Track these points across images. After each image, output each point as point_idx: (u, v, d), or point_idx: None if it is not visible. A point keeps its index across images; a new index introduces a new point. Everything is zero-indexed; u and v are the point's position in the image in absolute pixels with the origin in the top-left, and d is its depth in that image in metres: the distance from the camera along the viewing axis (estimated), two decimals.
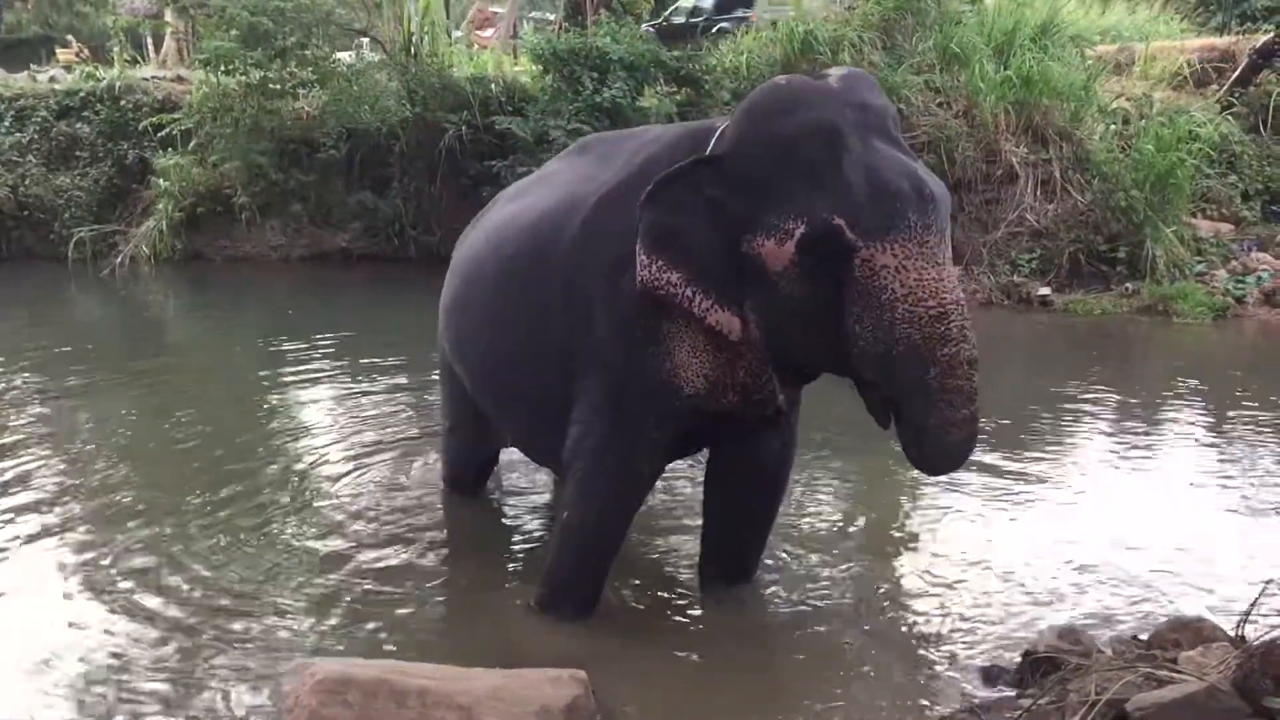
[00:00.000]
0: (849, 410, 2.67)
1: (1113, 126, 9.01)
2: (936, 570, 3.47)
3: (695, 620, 3.14)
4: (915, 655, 2.92)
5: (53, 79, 12.60)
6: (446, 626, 3.11)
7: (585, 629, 2.98)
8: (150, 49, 15.35)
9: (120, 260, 10.25)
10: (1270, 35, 10.02)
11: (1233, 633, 2.46)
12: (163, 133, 10.62)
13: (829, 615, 3.15)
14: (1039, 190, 8.67)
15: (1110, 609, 3.17)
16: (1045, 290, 8.22)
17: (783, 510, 3.36)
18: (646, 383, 2.73)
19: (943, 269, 2.42)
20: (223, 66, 10.15)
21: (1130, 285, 8.08)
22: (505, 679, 2.43)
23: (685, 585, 3.35)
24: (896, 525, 3.89)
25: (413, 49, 10.94)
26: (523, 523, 3.94)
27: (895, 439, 2.59)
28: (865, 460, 4.42)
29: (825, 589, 3.32)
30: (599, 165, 3.02)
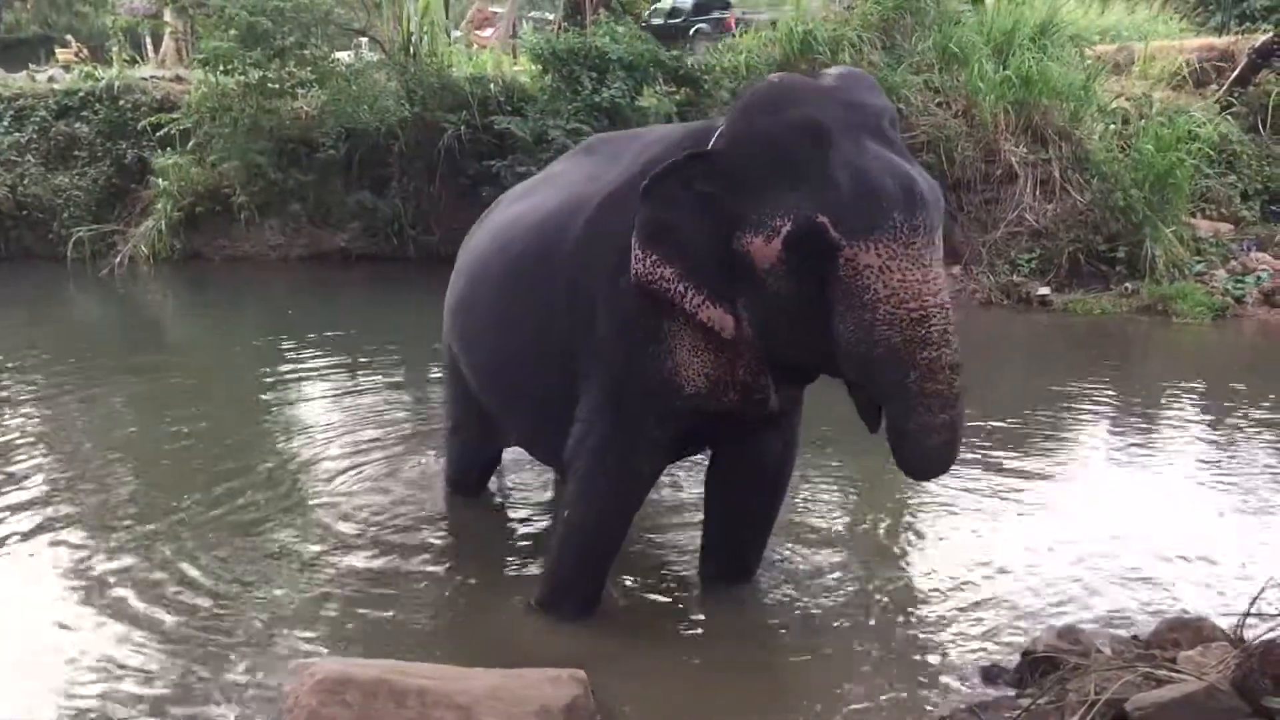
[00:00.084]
0: (850, 410, 2.66)
1: (1112, 126, 9.02)
2: (936, 570, 3.47)
3: (695, 620, 3.14)
4: (915, 655, 2.92)
5: (52, 79, 12.60)
6: (446, 626, 3.10)
7: (585, 629, 2.98)
8: (149, 49, 15.34)
9: (119, 260, 10.25)
10: (1269, 35, 10.04)
11: (1232, 632, 2.46)
12: (161, 132, 10.62)
13: (829, 615, 3.15)
14: (1038, 190, 8.68)
15: (1109, 608, 3.17)
16: (1045, 290, 8.23)
17: (783, 510, 3.36)
18: (647, 382, 2.73)
19: (928, 271, 2.38)
20: (221, 66, 10.15)
21: (1129, 285, 8.09)
22: (505, 679, 2.43)
23: (685, 585, 3.35)
24: (896, 525, 3.89)
25: (412, 49, 10.94)
26: (523, 522, 3.93)
27: None
28: (866, 460, 4.41)
29: (825, 589, 3.32)
30: (603, 165, 3.02)
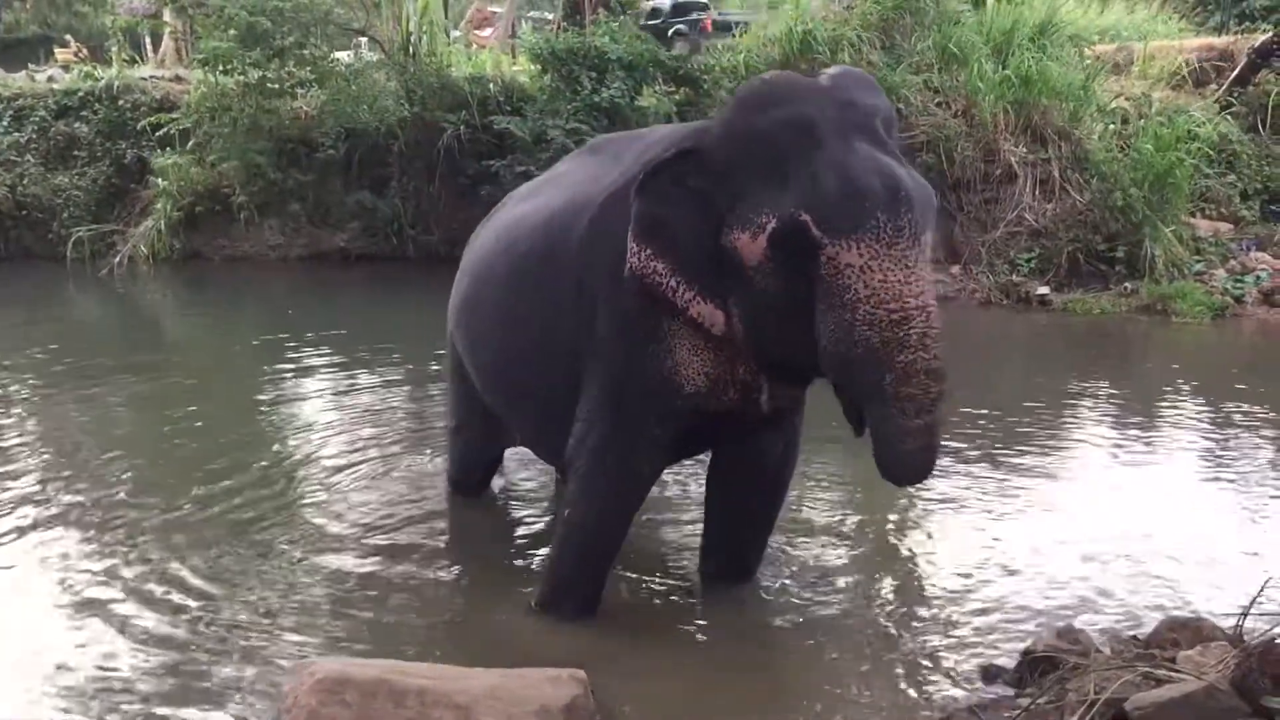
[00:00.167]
0: None
1: (1111, 126, 9.02)
2: (936, 569, 3.47)
3: (695, 620, 3.14)
4: (915, 655, 2.92)
5: (51, 79, 12.58)
6: (446, 626, 3.10)
7: (585, 629, 2.98)
8: (149, 49, 15.34)
9: (118, 260, 10.24)
10: (1269, 35, 10.04)
11: (1231, 632, 2.46)
12: (161, 132, 10.61)
13: (829, 615, 3.15)
14: (1038, 190, 8.68)
15: (1109, 608, 3.17)
16: (1044, 290, 8.23)
17: (784, 509, 3.36)
18: (648, 382, 2.73)
19: (911, 273, 2.35)
20: (221, 66, 10.14)
21: (1129, 285, 8.09)
22: (504, 678, 2.43)
23: (685, 585, 3.35)
24: (896, 525, 3.89)
25: (411, 49, 10.94)
26: (523, 523, 3.93)
27: None
28: (866, 460, 4.37)
29: (826, 588, 3.32)
30: (606, 165, 3.02)
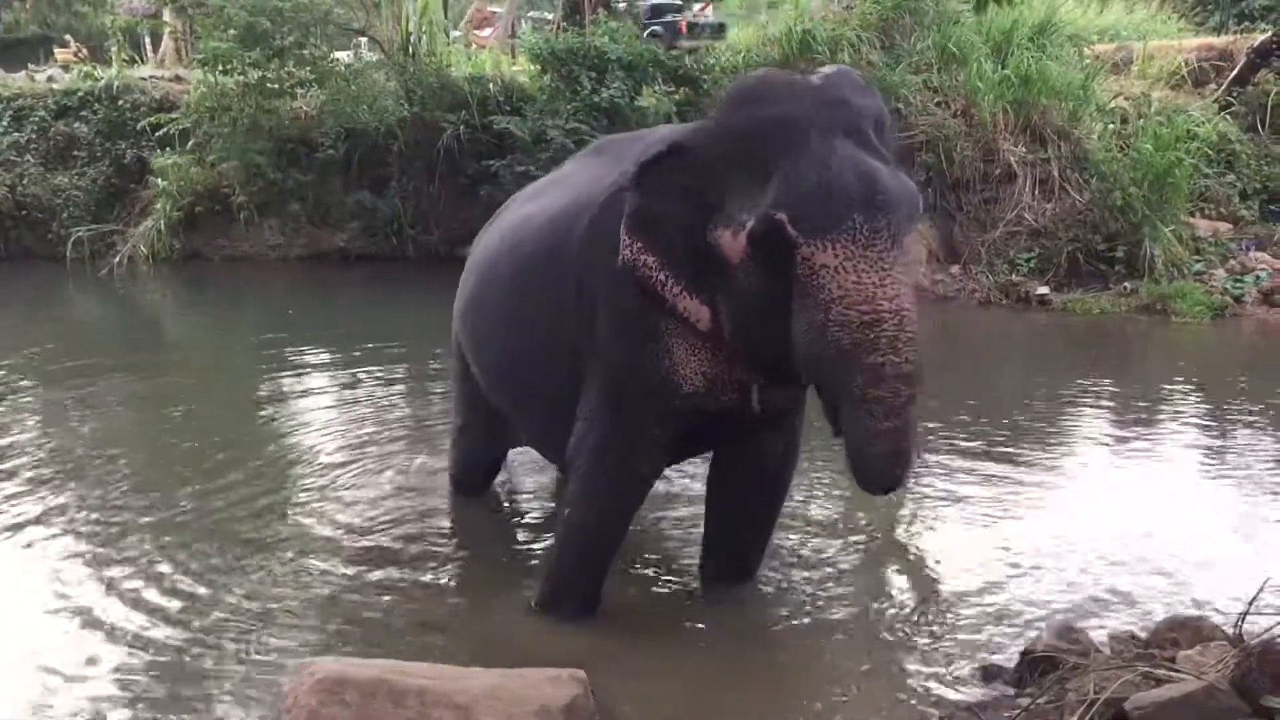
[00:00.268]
0: None
1: (1111, 126, 9.02)
2: (936, 570, 3.48)
3: (695, 620, 3.14)
4: (915, 655, 2.92)
5: (51, 79, 12.56)
6: (446, 626, 3.10)
7: (585, 629, 2.98)
8: (148, 49, 15.32)
9: (118, 260, 10.23)
10: (1268, 34, 10.03)
11: (1231, 631, 2.46)
12: (161, 132, 10.60)
13: (829, 615, 3.15)
14: (1037, 189, 8.68)
15: (1108, 607, 3.17)
16: (1044, 289, 8.23)
17: (784, 510, 3.36)
18: (647, 381, 2.73)
19: (886, 275, 2.34)
20: (221, 66, 10.13)
21: (1129, 284, 8.09)
22: (504, 678, 2.43)
23: (685, 585, 3.36)
24: (896, 525, 3.88)
25: (411, 48, 10.93)
26: (523, 522, 3.93)
27: None
28: None
29: (826, 588, 3.32)
30: (610, 166, 3.02)
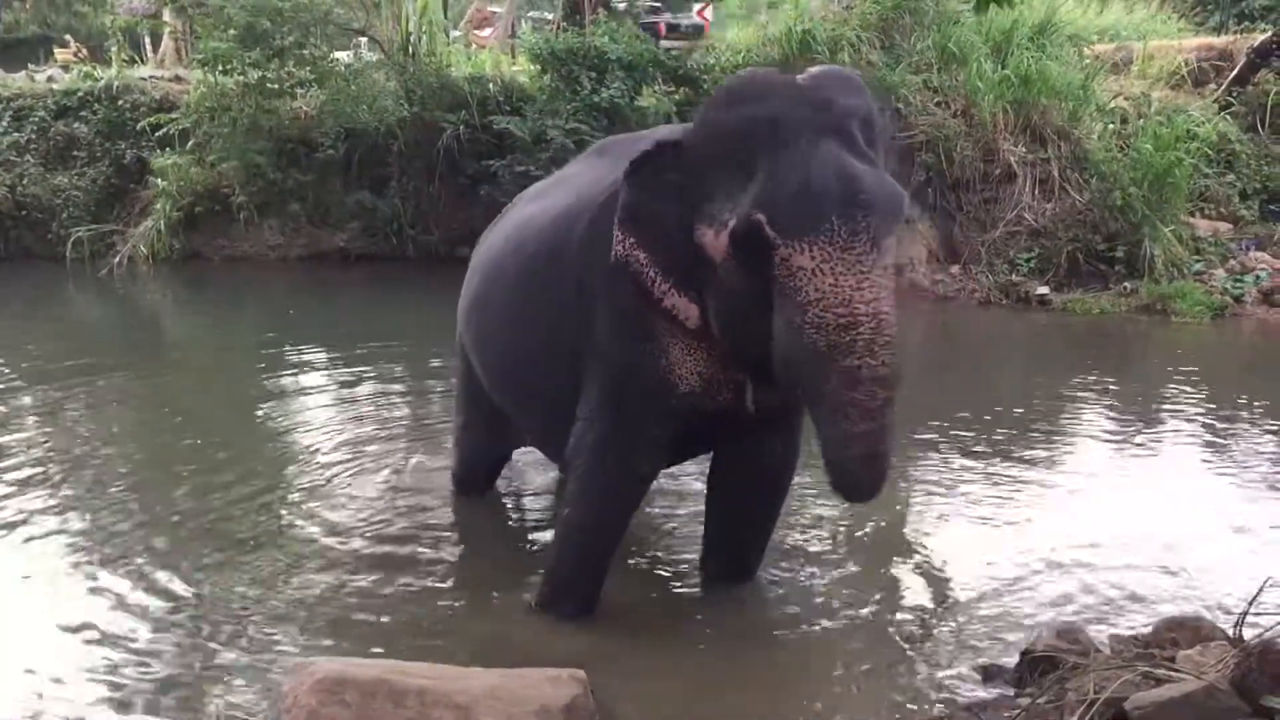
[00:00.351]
0: None
1: (1111, 126, 9.02)
2: (936, 570, 3.48)
3: (695, 620, 3.14)
4: (915, 655, 2.92)
5: (50, 79, 12.54)
6: (446, 626, 3.10)
7: (585, 629, 2.98)
8: (148, 49, 15.31)
9: (118, 260, 10.22)
10: (1268, 34, 10.03)
11: (1231, 631, 2.46)
12: (161, 132, 10.59)
13: (829, 615, 3.16)
14: (1037, 189, 8.68)
15: (1109, 607, 3.17)
16: (1044, 289, 8.23)
17: (784, 509, 3.35)
18: (644, 381, 2.74)
19: (864, 278, 2.32)
20: (221, 66, 10.13)
21: (1128, 284, 8.09)
22: (504, 678, 2.43)
23: (685, 585, 3.36)
24: (896, 525, 3.88)
25: (411, 48, 10.92)
26: (523, 522, 3.94)
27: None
28: None
29: (825, 589, 3.33)
30: (612, 166, 3.01)
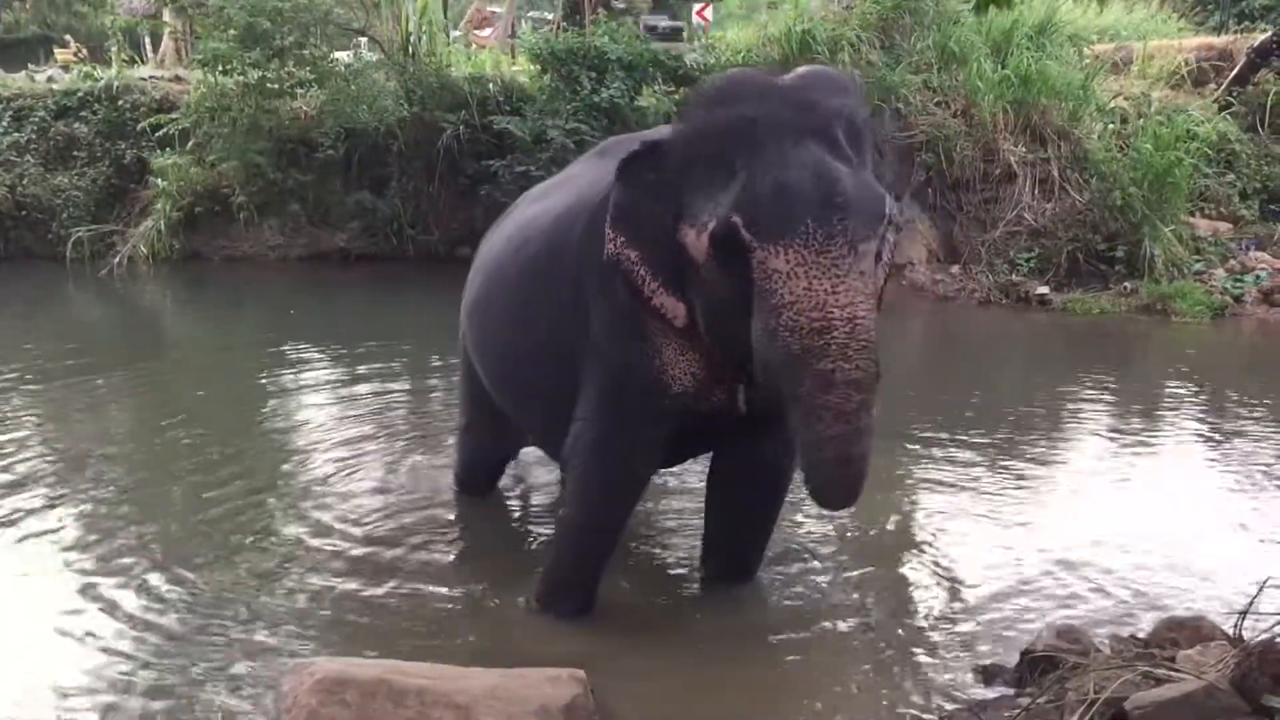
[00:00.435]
0: None
1: (1111, 125, 9.02)
2: (936, 570, 3.47)
3: (695, 620, 3.14)
4: (915, 655, 2.92)
5: (50, 79, 12.53)
6: (446, 626, 3.10)
7: (585, 629, 2.98)
8: (148, 49, 15.31)
9: (118, 260, 10.22)
10: (1268, 34, 10.04)
11: (1231, 631, 2.46)
12: (161, 132, 10.58)
13: (829, 615, 3.15)
14: (1037, 189, 8.68)
15: (1109, 607, 3.17)
16: (1044, 289, 8.23)
17: (784, 509, 3.35)
18: (638, 381, 2.74)
19: (840, 281, 2.31)
20: (221, 66, 10.12)
21: (1128, 284, 8.09)
22: (504, 678, 2.43)
23: (685, 585, 3.36)
24: (896, 525, 3.89)
25: (411, 49, 10.91)
26: (523, 522, 3.94)
27: (892, 440, 2.58)
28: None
29: (825, 589, 3.33)
30: (611, 167, 3.02)
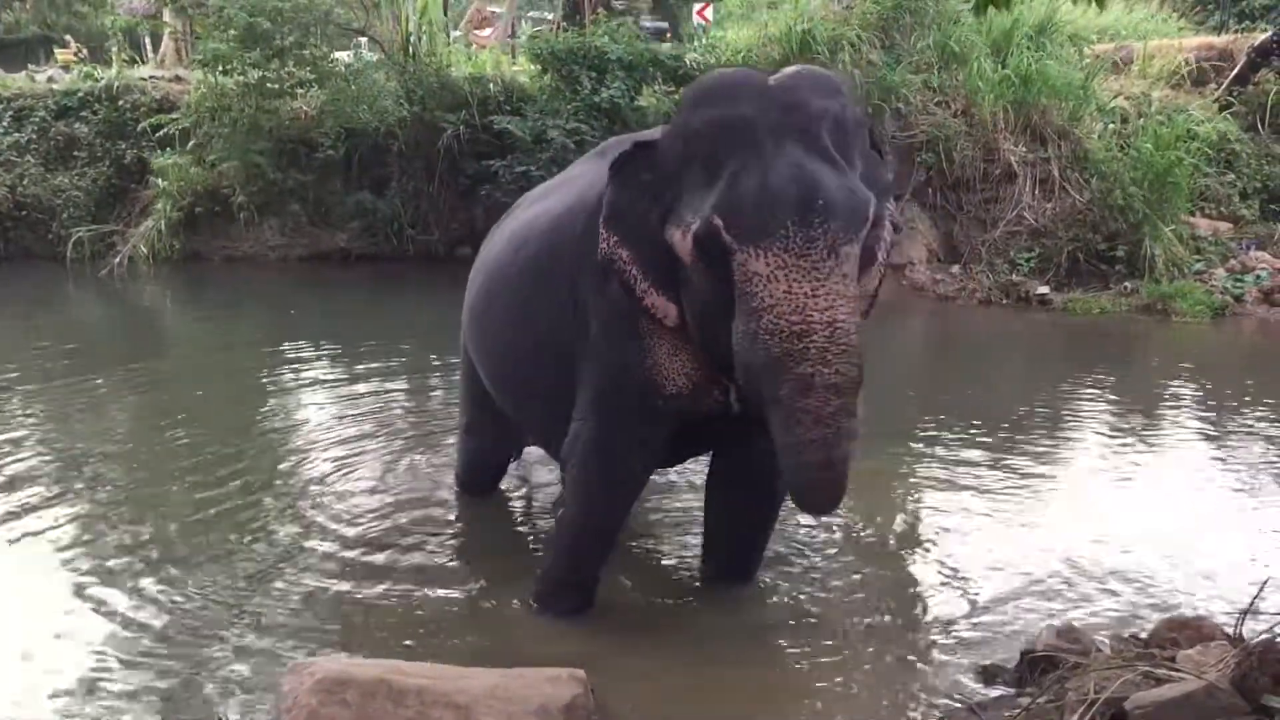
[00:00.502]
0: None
1: (1111, 125, 9.03)
2: (935, 570, 3.47)
3: (695, 620, 3.14)
4: (915, 655, 2.92)
5: (51, 79, 12.53)
6: (445, 626, 3.10)
7: (585, 629, 2.98)
8: (148, 49, 15.31)
9: (118, 260, 10.21)
10: (1268, 34, 10.04)
11: (1231, 631, 2.46)
12: (161, 133, 10.58)
13: (829, 615, 3.16)
14: (1037, 189, 8.69)
15: (1109, 607, 3.17)
16: (1044, 289, 8.23)
17: (783, 511, 3.35)
18: (633, 381, 2.74)
19: (820, 285, 2.31)
20: (221, 67, 10.12)
21: (1129, 284, 8.09)
22: (504, 678, 2.43)
23: (685, 585, 3.36)
24: (896, 525, 3.89)
25: (411, 49, 10.91)
26: (525, 522, 3.94)
27: (893, 440, 2.58)
28: (864, 461, 4.37)
29: (825, 589, 3.33)
30: None
